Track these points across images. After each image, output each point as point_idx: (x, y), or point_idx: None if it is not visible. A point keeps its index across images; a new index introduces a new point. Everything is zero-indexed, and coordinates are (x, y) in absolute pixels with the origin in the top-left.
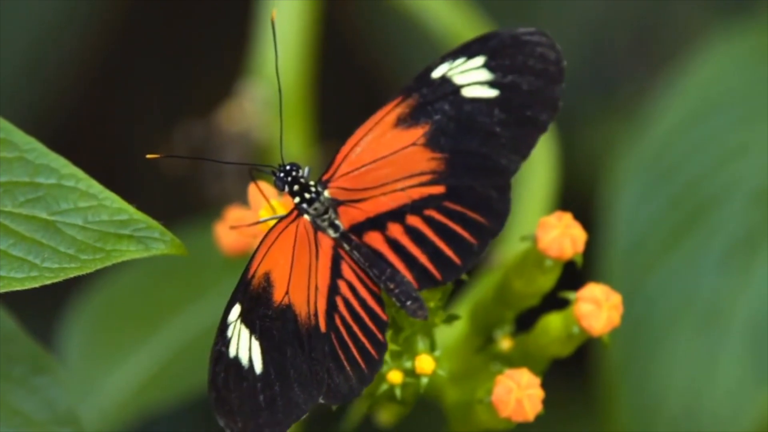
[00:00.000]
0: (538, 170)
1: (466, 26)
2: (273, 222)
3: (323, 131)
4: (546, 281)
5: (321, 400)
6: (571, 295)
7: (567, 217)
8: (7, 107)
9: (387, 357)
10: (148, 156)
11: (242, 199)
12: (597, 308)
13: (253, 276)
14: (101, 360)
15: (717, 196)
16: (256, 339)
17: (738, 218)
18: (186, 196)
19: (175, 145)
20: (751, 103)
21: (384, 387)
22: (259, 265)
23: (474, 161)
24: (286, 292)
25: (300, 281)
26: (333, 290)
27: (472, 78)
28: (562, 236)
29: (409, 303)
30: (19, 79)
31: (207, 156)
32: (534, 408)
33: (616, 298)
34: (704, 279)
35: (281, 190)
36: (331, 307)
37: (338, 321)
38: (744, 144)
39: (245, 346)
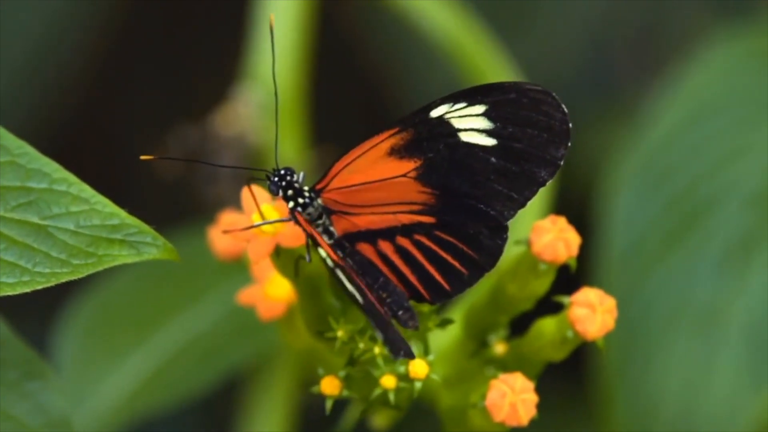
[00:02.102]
0: None
1: (464, 32)
2: (267, 227)
3: (320, 134)
4: (540, 285)
5: None
6: (565, 299)
7: (561, 221)
8: (7, 111)
9: (380, 361)
10: (143, 158)
11: (237, 203)
12: (591, 312)
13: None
14: (95, 364)
15: (714, 199)
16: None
17: (735, 221)
18: (181, 200)
19: (170, 148)
20: (749, 105)
21: (378, 391)
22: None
23: (466, 202)
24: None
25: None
26: None
27: (470, 124)
28: (556, 240)
29: (400, 313)
30: (18, 83)
31: (202, 160)
32: (528, 412)
33: (610, 302)
34: (701, 282)
35: (275, 194)
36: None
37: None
38: (742, 147)
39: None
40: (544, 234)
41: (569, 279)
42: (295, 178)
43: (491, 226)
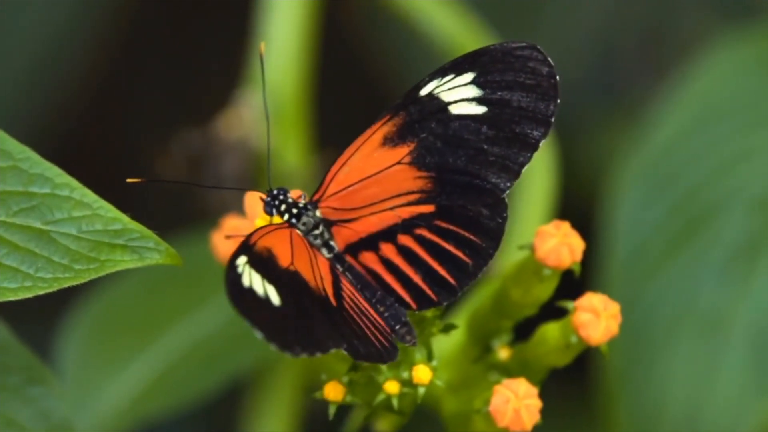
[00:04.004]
0: (538, 177)
1: (468, 34)
2: None
3: (324, 138)
4: (544, 290)
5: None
6: (569, 305)
7: (565, 226)
8: (10, 116)
9: (384, 367)
10: (129, 180)
11: (240, 209)
12: (595, 318)
13: (254, 243)
14: (98, 369)
15: (717, 204)
16: (269, 284)
17: (739, 226)
18: (184, 205)
19: (173, 153)
20: (752, 110)
21: (381, 397)
22: (258, 239)
23: (462, 180)
24: (291, 263)
25: (304, 265)
26: (337, 288)
27: (459, 95)
28: (560, 245)
29: (398, 327)
30: (20, 88)
31: (205, 163)
32: (532, 418)
33: (614, 308)
34: (704, 287)
35: (270, 215)
36: (339, 296)
37: (347, 305)
38: (745, 151)
39: (258, 284)
40: (548, 239)
41: (573, 284)
42: (288, 197)
43: (490, 203)
